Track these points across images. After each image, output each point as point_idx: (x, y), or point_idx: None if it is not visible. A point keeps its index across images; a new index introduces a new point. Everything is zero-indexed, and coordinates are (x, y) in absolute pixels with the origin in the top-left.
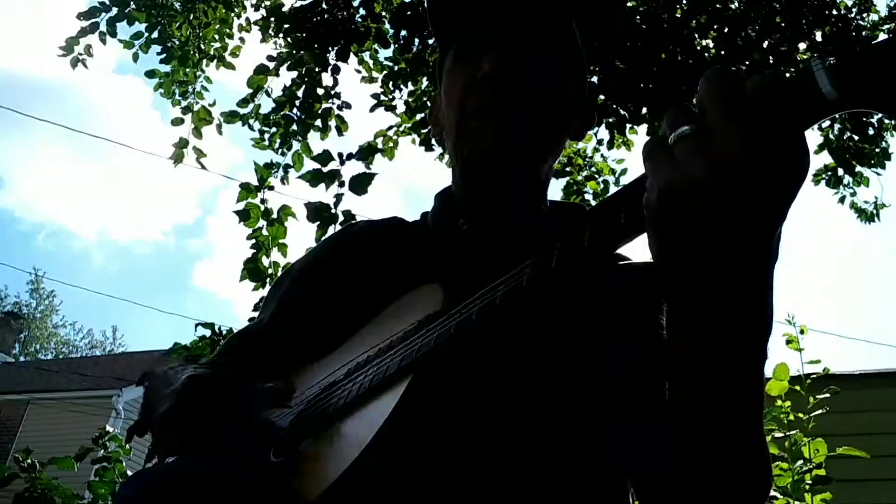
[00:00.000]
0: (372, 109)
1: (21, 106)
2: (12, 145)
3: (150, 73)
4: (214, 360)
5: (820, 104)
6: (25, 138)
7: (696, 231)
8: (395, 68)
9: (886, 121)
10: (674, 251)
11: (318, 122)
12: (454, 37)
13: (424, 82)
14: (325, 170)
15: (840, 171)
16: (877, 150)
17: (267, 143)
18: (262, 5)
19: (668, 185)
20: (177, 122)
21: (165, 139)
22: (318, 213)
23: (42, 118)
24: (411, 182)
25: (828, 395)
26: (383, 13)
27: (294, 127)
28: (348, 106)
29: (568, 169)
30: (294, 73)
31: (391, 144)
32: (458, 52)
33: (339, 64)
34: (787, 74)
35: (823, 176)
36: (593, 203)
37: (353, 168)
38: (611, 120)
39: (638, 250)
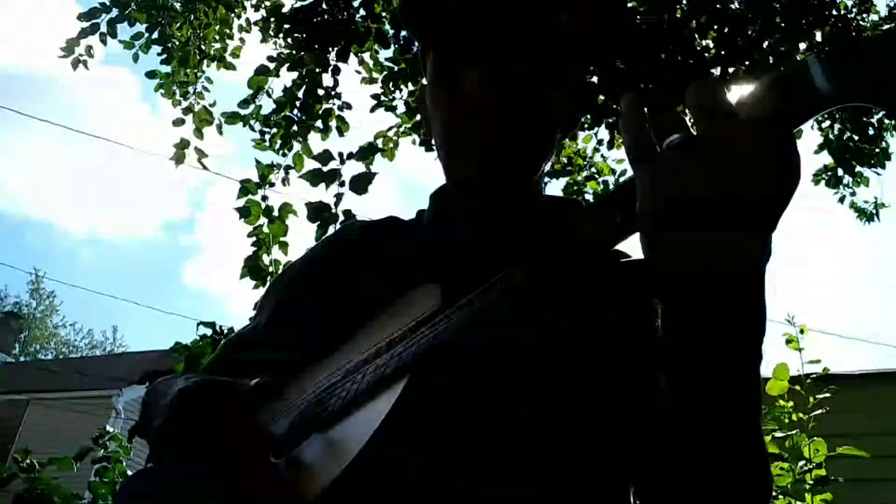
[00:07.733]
0: (372, 110)
1: (6, 101)
2: None
3: (151, 74)
4: (211, 364)
5: (815, 98)
6: (11, 133)
7: (689, 241)
8: (396, 69)
9: (886, 121)
10: (667, 258)
11: (319, 123)
12: (432, 34)
13: (424, 83)
14: (325, 169)
15: (840, 171)
16: (877, 150)
17: (268, 143)
18: (262, 6)
19: (661, 199)
20: (178, 122)
21: (154, 133)
22: (319, 212)
23: (28, 113)
24: (411, 178)
25: (828, 395)
26: (383, 14)
27: (294, 128)
28: (349, 106)
29: (568, 169)
30: (294, 74)
31: (391, 145)
32: (438, 54)
33: (340, 65)
34: (783, 69)
35: (823, 176)
36: None
37: (354, 168)
38: (611, 120)
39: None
